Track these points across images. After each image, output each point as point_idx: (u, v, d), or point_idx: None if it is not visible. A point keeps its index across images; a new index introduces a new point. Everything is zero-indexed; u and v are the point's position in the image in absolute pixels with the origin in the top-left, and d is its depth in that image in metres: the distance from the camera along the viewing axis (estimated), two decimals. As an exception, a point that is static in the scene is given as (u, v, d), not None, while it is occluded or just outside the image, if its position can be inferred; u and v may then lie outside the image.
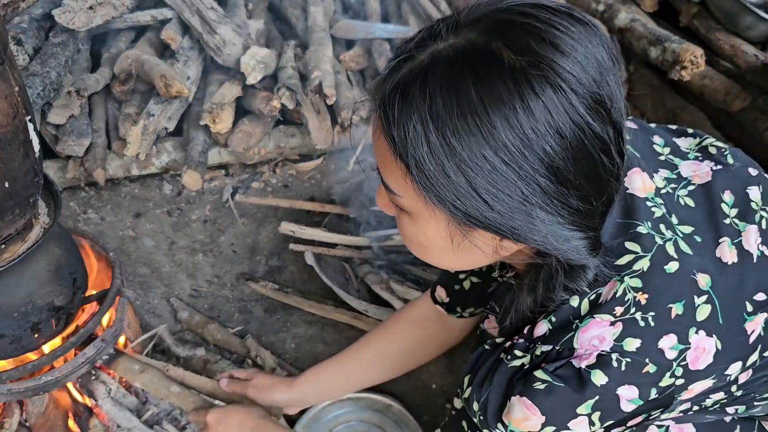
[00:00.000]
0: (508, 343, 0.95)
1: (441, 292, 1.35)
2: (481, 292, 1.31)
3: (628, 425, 0.91)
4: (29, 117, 1.15)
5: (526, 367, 0.91)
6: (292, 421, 1.67)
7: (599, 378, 0.85)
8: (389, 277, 1.93)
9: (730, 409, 1.03)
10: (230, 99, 2.24)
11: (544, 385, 0.86)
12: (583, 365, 0.85)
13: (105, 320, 1.55)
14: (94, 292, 1.59)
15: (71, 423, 1.55)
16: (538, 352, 0.90)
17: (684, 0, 2.43)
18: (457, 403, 1.16)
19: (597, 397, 0.85)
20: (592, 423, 0.87)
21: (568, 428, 0.87)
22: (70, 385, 1.57)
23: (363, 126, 2.41)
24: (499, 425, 0.91)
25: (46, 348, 1.46)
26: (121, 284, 1.58)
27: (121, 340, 1.67)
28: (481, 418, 0.94)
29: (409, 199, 0.84)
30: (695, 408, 0.99)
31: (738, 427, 1.07)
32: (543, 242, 0.81)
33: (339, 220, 2.13)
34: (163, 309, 1.99)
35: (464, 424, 1.07)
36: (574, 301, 0.90)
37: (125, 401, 1.56)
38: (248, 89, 2.31)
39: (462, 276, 1.32)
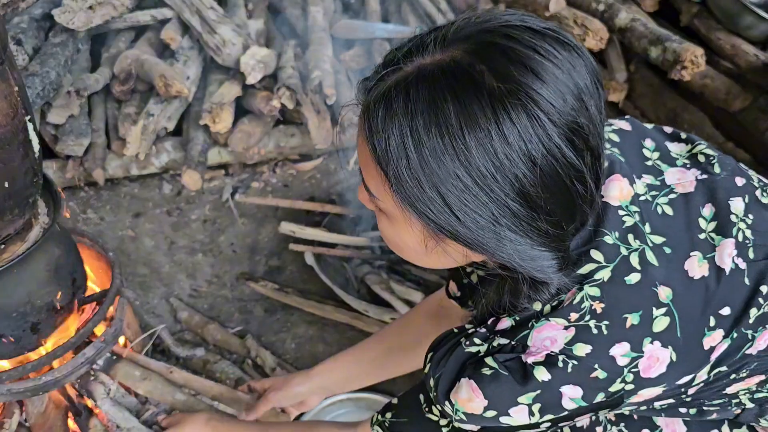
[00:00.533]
0: (471, 330, 0.99)
1: (453, 286, 1.37)
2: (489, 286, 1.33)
3: (575, 420, 0.94)
4: (29, 117, 1.15)
5: (480, 354, 0.94)
6: (292, 421, 1.67)
7: (542, 374, 0.88)
8: (389, 277, 1.93)
9: (682, 410, 1.05)
10: (230, 99, 2.24)
11: (491, 371, 0.90)
12: (529, 360, 0.89)
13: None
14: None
15: (71, 423, 1.55)
16: (495, 344, 0.94)
17: (684, 0, 2.42)
18: None
19: (539, 391, 0.88)
20: (531, 413, 0.90)
21: (508, 414, 0.91)
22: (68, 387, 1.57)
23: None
24: (447, 403, 0.95)
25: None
26: (121, 284, 1.58)
27: (121, 340, 1.67)
28: (434, 394, 0.98)
29: (387, 204, 0.87)
30: (643, 408, 1.01)
31: (725, 422, 1.08)
32: (510, 259, 0.84)
33: (339, 220, 2.13)
34: (162, 309, 1.99)
35: (421, 397, 1.10)
36: (537, 306, 0.93)
37: (124, 401, 1.56)
38: (248, 89, 2.31)
39: (469, 270, 1.33)
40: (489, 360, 0.91)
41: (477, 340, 0.96)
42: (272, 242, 2.22)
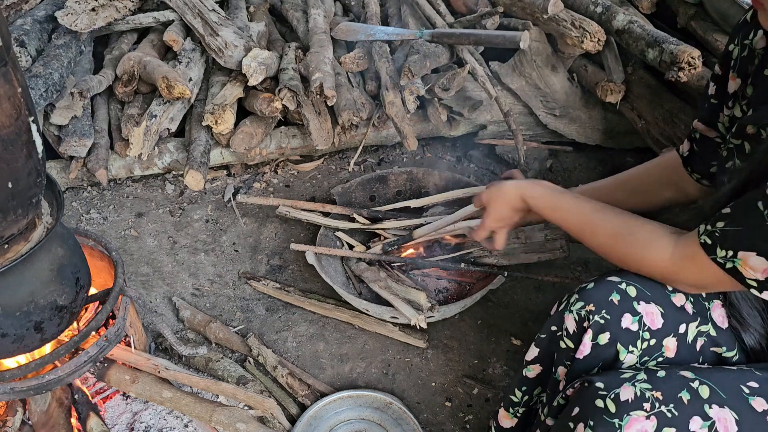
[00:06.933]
0: None
1: (685, 146, 1.44)
2: (704, 158, 1.40)
3: None
4: (32, 118, 1.16)
5: None
6: (293, 419, 1.68)
7: None
8: (388, 274, 1.94)
9: None
10: (232, 100, 2.26)
11: None
12: None
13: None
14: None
15: (73, 421, 1.56)
16: None
17: (681, 1, 2.43)
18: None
19: None
20: None
21: None
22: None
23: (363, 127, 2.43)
24: None
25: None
26: (124, 283, 1.59)
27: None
28: None
29: None
30: None
31: None
32: None
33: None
34: (165, 308, 2.01)
35: (760, 204, 1.02)
36: None
37: None
38: (250, 90, 2.33)
39: (696, 136, 1.39)
40: None
41: None
42: (274, 242, 2.23)
